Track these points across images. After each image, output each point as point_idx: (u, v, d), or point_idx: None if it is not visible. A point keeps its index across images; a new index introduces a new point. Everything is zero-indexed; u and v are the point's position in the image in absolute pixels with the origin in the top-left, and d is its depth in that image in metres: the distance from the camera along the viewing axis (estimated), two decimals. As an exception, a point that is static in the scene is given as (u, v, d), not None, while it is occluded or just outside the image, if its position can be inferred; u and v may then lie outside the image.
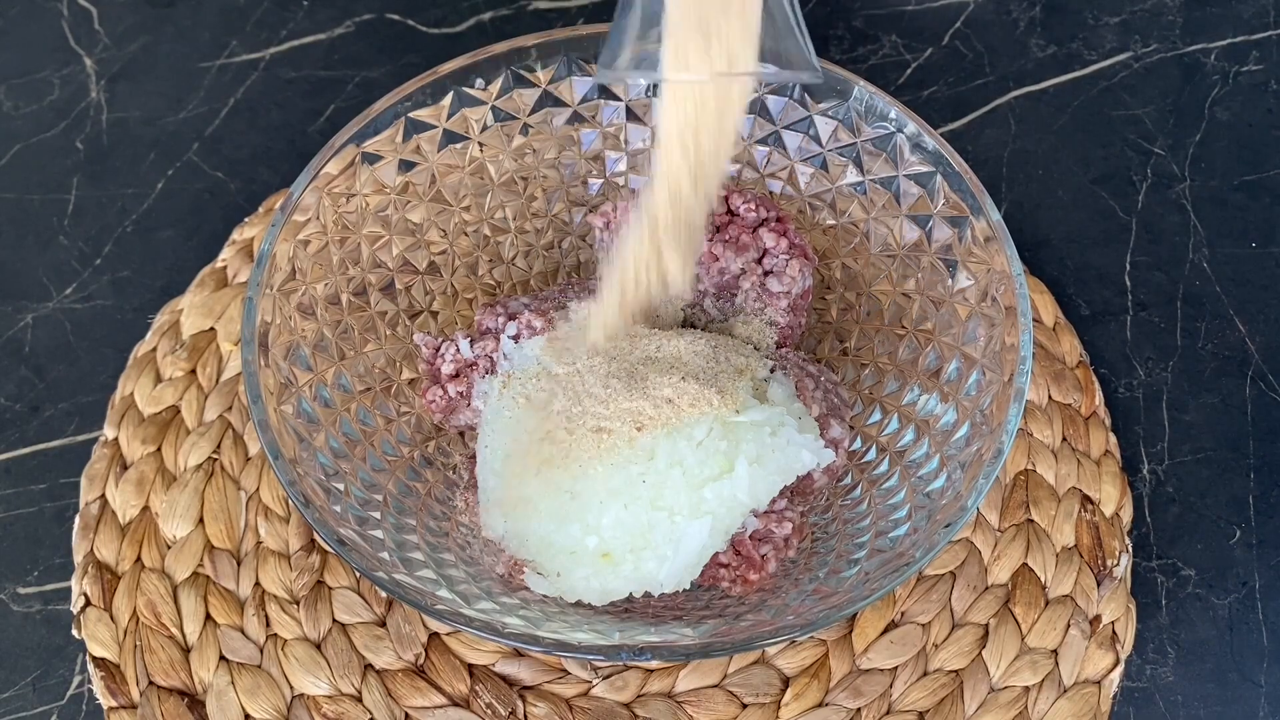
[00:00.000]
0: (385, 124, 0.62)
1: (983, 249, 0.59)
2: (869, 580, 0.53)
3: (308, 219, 0.59)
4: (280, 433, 0.54)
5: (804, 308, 0.65)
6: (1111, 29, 0.84)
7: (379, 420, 0.61)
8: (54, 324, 0.72)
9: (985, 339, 0.58)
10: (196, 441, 0.66)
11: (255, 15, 0.84)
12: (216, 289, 0.71)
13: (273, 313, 0.57)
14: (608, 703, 0.60)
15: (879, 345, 0.64)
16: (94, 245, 0.75)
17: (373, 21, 0.84)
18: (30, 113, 0.80)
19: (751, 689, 0.60)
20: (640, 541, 0.53)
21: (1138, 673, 0.62)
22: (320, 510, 0.52)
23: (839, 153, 0.64)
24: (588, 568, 0.54)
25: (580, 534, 0.54)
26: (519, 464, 0.57)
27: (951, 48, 0.83)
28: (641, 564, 0.53)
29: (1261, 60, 0.82)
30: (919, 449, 0.59)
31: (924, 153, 0.61)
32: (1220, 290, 0.74)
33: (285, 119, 0.80)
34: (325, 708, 0.60)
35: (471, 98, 0.64)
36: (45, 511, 0.66)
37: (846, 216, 0.65)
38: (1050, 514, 0.64)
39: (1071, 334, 0.71)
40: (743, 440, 0.54)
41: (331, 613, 0.62)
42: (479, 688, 0.60)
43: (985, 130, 0.80)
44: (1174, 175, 0.78)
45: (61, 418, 0.69)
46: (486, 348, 0.62)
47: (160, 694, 0.60)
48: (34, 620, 0.63)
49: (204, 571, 0.63)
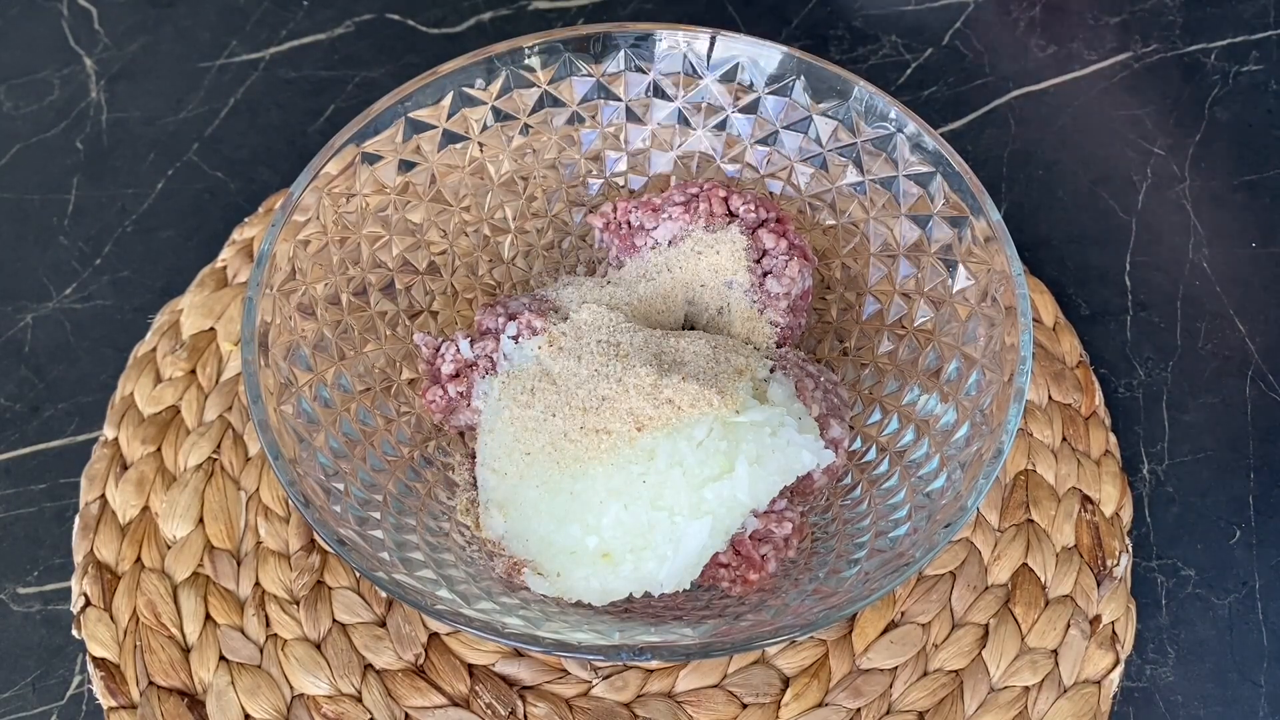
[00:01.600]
0: (385, 124, 0.62)
1: (983, 249, 0.59)
2: (869, 580, 0.53)
3: (308, 219, 0.59)
4: (280, 433, 0.54)
5: (804, 308, 0.65)
6: (1111, 29, 0.84)
7: (379, 420, 0.61)
8: (54, 324, 0.72)
9: (985, 339, 0.58)
10: (196, 441, 0.66)
11: (255, 15, 0.84)
12: (216, 289, 0.71)
13: (273, 313, 0.57)
14: (608, 703, 0.60)
15: (879, 345, 0.64)
16: (94, 245, 0.75)
17: (373, 21, 0.84)
18: (30, 113, 0.80)
19: (751, 689, 0.60)
20: (640, 541, 0.53)
21: (1138, 673, 0.62)
22: (320, 510, 0.52)
23: (839, 153, 0.64)
24: (588, 568, 0.54)
25: (580, 534, 0.54)
26: (519, 464, 0.57)
27: (951, 48, 0.83)
28: (642, 564, 0.53)
29: (1261, 60, 0.82)
30: (919, 449, 0.59)
31: (924, 153, 0.61)
32: (1220, 290, 0.73)
33: (285, 119, 0.80)
34: (325, 708, 0.60)
35: (471, 98, 0.64)
36: (45, 511, 0.66)
37: (846, 216, 0.65)
38: (1050, 514, 0.64)
39: (1071, 334, 0.71)
40: (743, 440, 0.54)
41: (331, 613, 0.62)
42: (479, 688, 0.60)
43: (985, 130, 0.80)
44: (1174, 175, 0.78)
45: (61, 418, 0.69)
46: (486, 348, 0.62)
47: (160, 694, 0.60)
48: (34, 620, 0.63)
49: (204, 571, 0.63)
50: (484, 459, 0.59)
